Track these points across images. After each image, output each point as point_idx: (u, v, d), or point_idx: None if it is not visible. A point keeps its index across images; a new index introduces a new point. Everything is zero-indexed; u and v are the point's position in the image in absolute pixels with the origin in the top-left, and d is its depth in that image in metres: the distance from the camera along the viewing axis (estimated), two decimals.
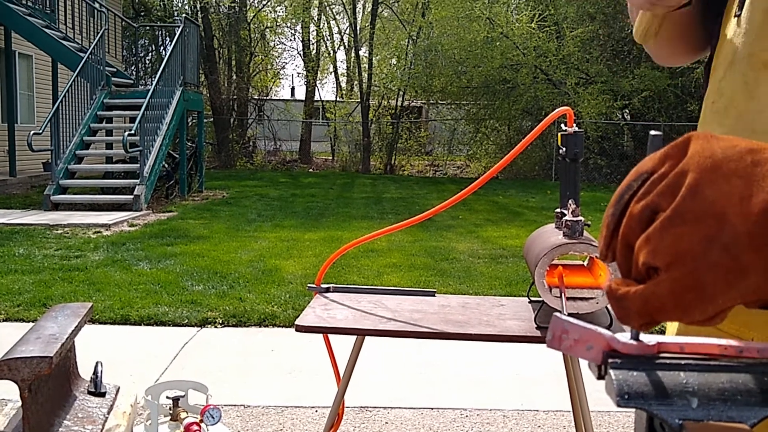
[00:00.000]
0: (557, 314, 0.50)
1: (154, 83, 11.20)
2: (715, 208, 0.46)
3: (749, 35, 0.76)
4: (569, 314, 1.61)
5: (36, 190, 12.59)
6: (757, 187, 0.46)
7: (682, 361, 0.49)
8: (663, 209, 0.48)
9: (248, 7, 22.92)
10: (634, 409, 0.49)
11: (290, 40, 27.65)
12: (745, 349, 0.49)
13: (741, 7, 0.78)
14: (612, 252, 0.52)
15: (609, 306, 1.70)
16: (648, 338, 0.50)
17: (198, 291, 5.39)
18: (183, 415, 2.13)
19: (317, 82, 25.07)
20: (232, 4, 22.02)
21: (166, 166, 11.94)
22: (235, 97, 22.63)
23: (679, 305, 0.48)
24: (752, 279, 0.46)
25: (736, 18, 0.79)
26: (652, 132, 0.53)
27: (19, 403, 1.09)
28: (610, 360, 0.49)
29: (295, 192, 13.60)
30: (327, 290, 2.05)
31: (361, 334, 1.81)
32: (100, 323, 4.60)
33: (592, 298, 1.65)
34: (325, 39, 26.11)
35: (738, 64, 0.78)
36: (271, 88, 26.60)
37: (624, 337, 0.50)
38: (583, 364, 0.51)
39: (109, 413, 1.26)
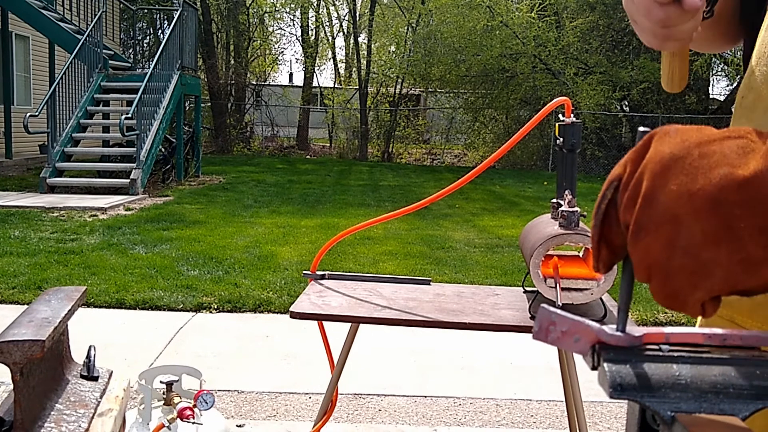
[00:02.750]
0: (545, 305, 0.50)
1: (151, 67, 11.15)
2: (670, 212, 0.46)
3: None
4: (563, 305, 1.61)
5: (32, 173, 12.55)
6: (703, 179, 0.45)
7: (675, 354, 0.49)
8: (629, 223, 0.49)
9: None
10: (626, 400, 0.49)
11: (289, 25, 27.56)
12: (728, 337, 0.49)
13: None
14: (603, 263, 0.52)
15: (603, 298, 1.70)
16: (634, 329, 0.50)
17: (193, 276, 5.39)
18: (176, 399, 2.13)
19: (316, 68, 25.01)
20: None
21: (163, 150, 11.91)
22: (233, 82, 22.54)
23: (674, 310, 0.49)
24: (716, 275, 0.46)
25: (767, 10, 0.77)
26: (640, 128, 0.53)
27: (11, 387, 1.08)
28: (603, 352, 0.49)
29: (292, 178, 13.58)
30: (322, 277, 2.05)
31: (356, 321, 1.80)
32: (95, 307, 4.60)
33: (587, 289, 1.65)
34: (324, 25, 26.02)
35: (767, 57, 0.77)
36: (269, 73, 26.51)
37: (612, 328, 0.50)
38: (577, 354, 0.51)
39: (101, 397, 1.26)
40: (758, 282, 0.46)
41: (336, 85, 26.28)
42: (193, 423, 2.03)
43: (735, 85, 19.07)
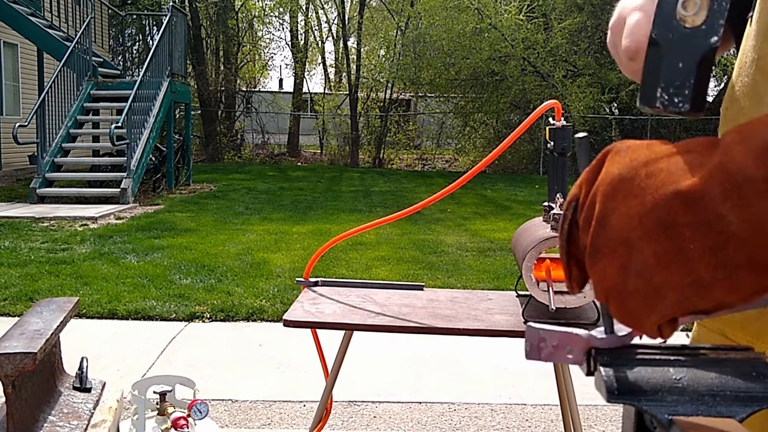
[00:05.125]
0: (531, 324, 0.50)
1: (141, 74, 11.11)
2: (622, 235, 0.46)
3: (758, 37, 0.74)
4: (556, 308, 1.61)
5: (22, 183, 12.49)
6: (651, 201, 0.45)
7: (672, 357, 0.49)
8: (587, 245, 0.49)
9: None
10: (622, 404, 0.49)
11: (278, 30, 27.55)
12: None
13: (753, 8, 0.76)
14: (575, 282, 0.52)
15: (596, 300, 1.70)
16: (622, 329, 0.50)
17: (186, 285, 5.37)
18: (170, 409, 2.12)
19: (305, 73, 25.01)
20: None
21: (153, 159, 11.87)
22: (222, 88, 22.49)
23: (634, 331, 0.49)
24: (669, 298, 0.45)
25: (749, 19, 0.77)
26: (578, 135, 0.53)
27: (3, 400, 1.08)
28: (599, 356, 0.49)
29: (283, 185, 13.56)
30: (315, 284, 2.04)
31: (350, 328, 1.80)
32: (88, 317, 4.57)
33: (579, 292, 1.65)
34: (313, 29, 26.04)
35: (748, 68, 0.75)
36: (259, 79, 26.49)
37: (600, 332, 0.50)
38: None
39: (94, 409, 1.25)
40: (710, 304, 0.45)
41: (326, 91, 26.28)
42: None
43: (723, 85, 19.19)
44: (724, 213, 0.43)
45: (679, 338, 0.51)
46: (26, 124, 10.10)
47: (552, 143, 1.75)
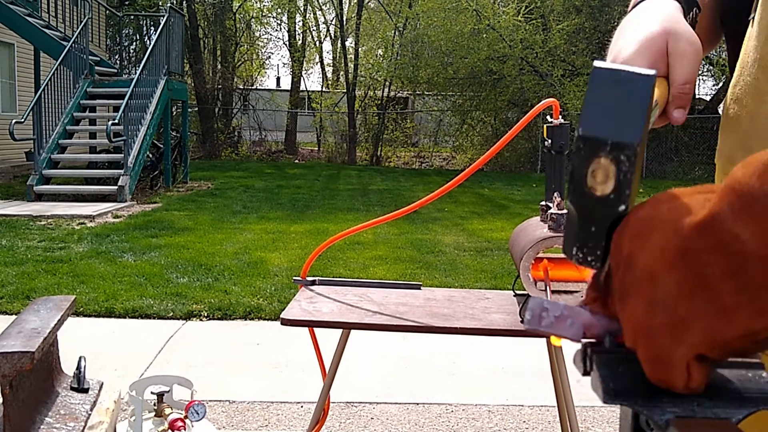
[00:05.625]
0: (535, 295, 0.50)
1: (138, 72, 11.10)
2: (647, 271, 0.46)
3: (760, 38, 0.75)
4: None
5: (19, 180, 12.46)
6: (671, 232, 0.45)
7: None
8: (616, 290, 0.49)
9: None
10: (619, 405, 0.49)
11: (276, 30, 27.51)
12: None
13: (755, 9, 0.78)
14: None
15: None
16: None
17: (183, 283, 5.36)
18: (167, 410, 2.12)
19: (303, 72, 24.99)
20: None
21: (151, 156, 11.86)
22: (220, 86, 22.47)
23: (661, 380, 0.47)
24: (696, 327, 0.44)
25: (750, 20, 0.78)
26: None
27: (0, 400, 1.08)
28: (596, 356, 0.49)
29: (281, 183, 13.55)
30: (313, 283, 2.04)
31: (347, 327, 1.80)
32: (85, 316, 4.56)
33: (577, 292, 1.66)
34: (311, 29, 26.03)
35: (750, 68, 0.77)
36: (256, 78, 26.47)
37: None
38: (568, 359, 0.51)
39: (92, 410, 1.25)
40: (738, 330, 0.44)
41: (324, 89, 26.27)
42: None
43: (721, 85, 19.21)
44: (737, 232, 0.42)
45: None
46: (23, 120, 10.08)
47: (549, 141, 1.75)
